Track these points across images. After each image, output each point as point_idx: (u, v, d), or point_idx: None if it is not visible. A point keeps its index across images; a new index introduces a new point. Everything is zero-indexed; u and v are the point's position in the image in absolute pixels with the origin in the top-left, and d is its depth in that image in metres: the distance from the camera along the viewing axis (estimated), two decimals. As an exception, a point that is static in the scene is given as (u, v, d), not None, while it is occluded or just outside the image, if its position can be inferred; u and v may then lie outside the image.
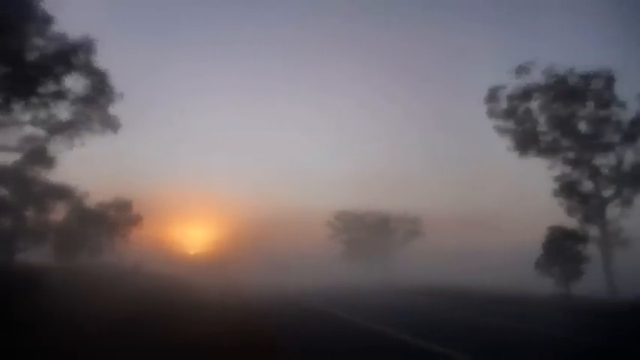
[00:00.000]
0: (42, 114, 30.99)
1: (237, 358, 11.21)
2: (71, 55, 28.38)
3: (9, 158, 34.68)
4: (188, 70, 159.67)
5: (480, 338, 15.50)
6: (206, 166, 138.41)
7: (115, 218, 44.23)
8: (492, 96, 40.07)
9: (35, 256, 35.26)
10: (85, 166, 57.12)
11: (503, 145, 40.20)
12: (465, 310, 24.99)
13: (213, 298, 30.06)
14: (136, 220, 45.83)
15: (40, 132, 33.23)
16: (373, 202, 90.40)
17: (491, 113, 40.20)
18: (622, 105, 37.33)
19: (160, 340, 12.48)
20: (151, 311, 18.49)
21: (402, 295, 39.06)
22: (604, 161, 38.12)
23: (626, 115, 37.34)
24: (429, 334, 15.79)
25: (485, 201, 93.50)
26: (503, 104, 39.91)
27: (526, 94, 39.26)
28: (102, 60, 30.03)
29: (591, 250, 34.48)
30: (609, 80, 37.55)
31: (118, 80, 31.67)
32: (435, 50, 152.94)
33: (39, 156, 34.83)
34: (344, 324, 19.46)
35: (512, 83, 39.28)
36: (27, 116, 30.59)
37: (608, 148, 37.82)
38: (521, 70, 38.83)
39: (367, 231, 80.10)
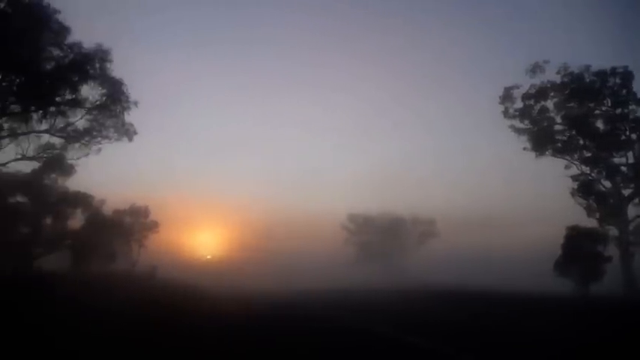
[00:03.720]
0: (59, 122, 31.49)
1: None
2: (86, 65, 28.75)
3: (27, 166, 35.15)
4: (192, 72, 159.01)
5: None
6: (217, 169, 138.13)
7: (131, 225, 44.53)
8: (507, 96, 39.86)
9: (52, 262, 35.45)
10: (101, 173, 57.82)
11: (517, 145, 39.98)
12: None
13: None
14: (151, 226, 46.06)
15: (57, 140, 33.74)
16: (386, 204, 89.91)
17: (506, 113, 39.97)
18: (640, 102, 36.87)
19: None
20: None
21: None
22: (622, 160, 37.61)
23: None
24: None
25: (499, 201, 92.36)
26: (518, 104, 39.72)
27: (541, 93, 38.94)
28: (116, 68, 30.38)
29: (611, 249, 34.00)
30: (627, 77, 37.07)
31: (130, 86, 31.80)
32: (446, 50, 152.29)
33: (56, 164, 35.23)
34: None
35: (527, 83, 39.11)
36: (44, 125, 30.97)
37: (626, 146, 37.29)
38: (536, 69, 38.57)
39: (380, 233, 79.76)
